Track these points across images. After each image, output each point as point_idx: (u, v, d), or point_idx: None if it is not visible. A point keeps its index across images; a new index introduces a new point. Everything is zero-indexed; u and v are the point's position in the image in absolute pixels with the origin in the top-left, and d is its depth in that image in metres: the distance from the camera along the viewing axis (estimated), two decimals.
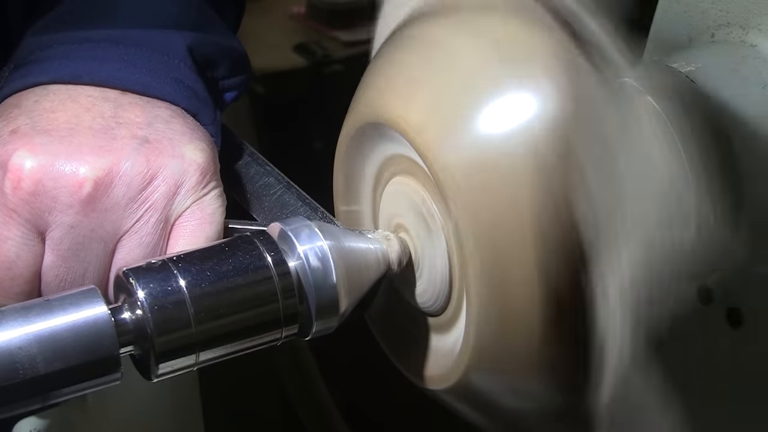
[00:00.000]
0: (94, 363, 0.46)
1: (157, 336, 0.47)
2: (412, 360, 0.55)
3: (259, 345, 0.51)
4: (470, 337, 0.49)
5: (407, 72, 0.51)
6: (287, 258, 0.50)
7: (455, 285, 0.51)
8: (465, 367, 0.50)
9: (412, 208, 0.53)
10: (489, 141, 0.47)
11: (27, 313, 0.46)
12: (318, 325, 0.51)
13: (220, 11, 0.67)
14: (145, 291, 0.47)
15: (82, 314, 0.46)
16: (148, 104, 0.56)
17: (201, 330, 0.48)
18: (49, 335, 0.45)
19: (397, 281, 0.56)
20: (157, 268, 0.48)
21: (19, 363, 0.45)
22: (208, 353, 0.49)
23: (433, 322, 0.54)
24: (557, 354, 0.48)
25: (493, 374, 0.50)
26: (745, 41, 0.57)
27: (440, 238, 0.51)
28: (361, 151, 0.56)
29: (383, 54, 0.54)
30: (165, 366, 0.48)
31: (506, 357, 0.49)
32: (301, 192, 0.61)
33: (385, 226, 0.56)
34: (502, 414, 0.52)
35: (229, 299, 0.49)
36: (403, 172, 0.54)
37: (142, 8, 0.62)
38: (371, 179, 0.57)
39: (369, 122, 0.53)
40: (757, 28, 0.56)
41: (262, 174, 0.62)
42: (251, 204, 0.61)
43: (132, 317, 0.47)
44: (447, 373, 0.52)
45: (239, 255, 0.50)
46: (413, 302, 0.55)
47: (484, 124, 0.47)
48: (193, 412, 0.89)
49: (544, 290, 0.47)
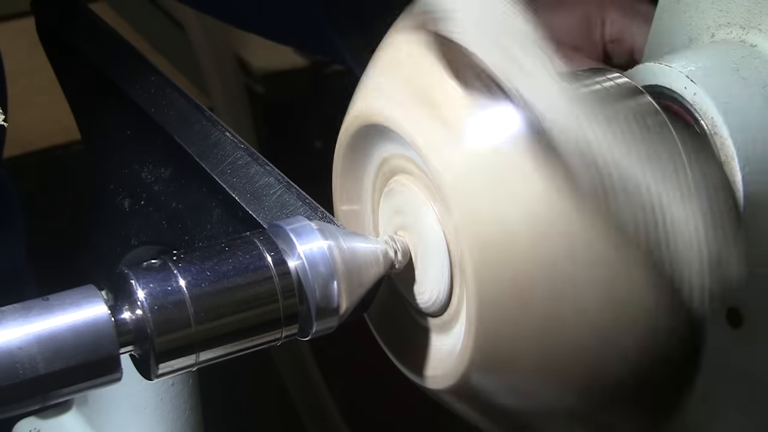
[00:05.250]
0: (94, 363, 0.46)
1: (157, 336, 0.47)
2: (412, 360, 0.55)
3: (259, 345, 0.51)
4: (470, 337, 0.49)
5: (407, 71, 0.51)
6: (287, 258, 0.50)
7: (455, 285, 0.51)
8: (465, 367, 0.50)
9: (411, 208, 0.53)
10: (489, 140, 0.47)
11: (27, 313, 0.46)
12: (318, 325, 0.51)
13: None
14: (145, 291, 0.47)
15: (82, 314, 0.46)
16: None
17: (201, 330, 0.48)
18: (49, 335, 0.45)
19: (397, 281, 0.56)
20: (157, 268, 0.48)
21: (19, 363, 0.45)
22: (208, 353, 0.49)
23: (433, 322, 0.54)
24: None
25: (494, 374, 0.50)
26: (745, 41, 0.57)
27: (440, 237, 0.51)
28: (361, 151, 0.56)
29: (383, 53, 0.54)
30: (165, 366, 0.48)
31: (506, 357, 0.49)
32: (301, 192, 0.61)
33: (384, 225, 0.56)
34: (503, 414, 0.52)
35: (229, 299, 0.49)
36: (403, 172, 0.54)
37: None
38: (371, 179, 0.57)
39: (369, 122, 0.53)
40: (757, 28, 0.56)
41: (262, 174, 0.62)
42: (251, 204, 0.61)
43: (132, 317, 0.47)
44: (447, 373, 0.52)
45: (239, 255, 0.50)
46: (413, 302, 0.55)
47: (484, 124, 0.47)
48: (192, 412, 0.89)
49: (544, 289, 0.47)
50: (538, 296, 0.47)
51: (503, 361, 0.49)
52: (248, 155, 0.65)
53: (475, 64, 0.48)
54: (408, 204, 0.53)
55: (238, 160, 0.64)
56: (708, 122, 0.54)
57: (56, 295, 0.47)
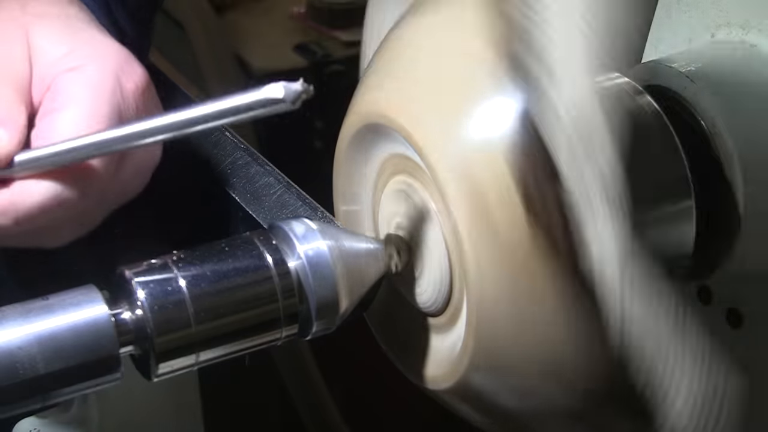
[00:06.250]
0: (94, 363, 0.46)
1: (157, 336, 0.47)
2: (412, 360, 0.55)
3: (259, 345, 0.51)
4: (470, 337, 0.49)
5: (407, 71, 0.51)
6: (287, 258, 0.50)
7: (455, 285, 0.51)
8: (465, 367, 0.50)
9: (412, 208, 0.53)
10: (489, 141, 0.47)
11: (27, 313, 0.46)
12: (318, 325, 0.51)
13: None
14: (145, 291, 0.47)
15: (82, 314, 0.46)
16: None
17: (201, 330, 0.48)
18: (49, 335, 0.46)
19: (397, 281, 0.56)
20: (157, 268, 0.48)
21: (19, 363, 0.45)
22: (208, 353, 0.49)
23: (433, 322, 0.54)
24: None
25: (494, 374, 0.50)
26: (745, 41, 0.57)
27: (440, 237, 0.51)
28: (361, 150, 0.56)
29: (382, 53, 0.54)
30: (165, 366, 0.48)
31: (507, 357, 0.49)
32: (301, 192, 0.61)
33: (385, 225, 0.56)
34: (503, 414, 0.52)
35: (229, 299, 0.49)
36: (403, 172, 0.54)
37: None
38: (371, 179, 0.57)
39: (369, 122, 0.53)
40: (757, 28, 0.56)
41: (262, 174, 0.63)
42: (251, 204, 0.61)
43: (132, 317, 0.47)
44: (447, 373, 0.52)
45: (239, 255, 0.50)
46: (413, 302, 0.55)
47: (485, 124, 0.47)
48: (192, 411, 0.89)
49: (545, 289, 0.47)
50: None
51: (503, 361, 0.49)
52: (248, 155, 0.65)
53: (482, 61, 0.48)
54: (408, 204, 0.53)
55: (238, 160, 0.64)
56: (708, 122, 0.54)
57: (56, 295, 0.47)
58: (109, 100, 0.55)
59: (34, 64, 0.56)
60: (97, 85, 0.55)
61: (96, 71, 0.55)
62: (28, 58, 0.56)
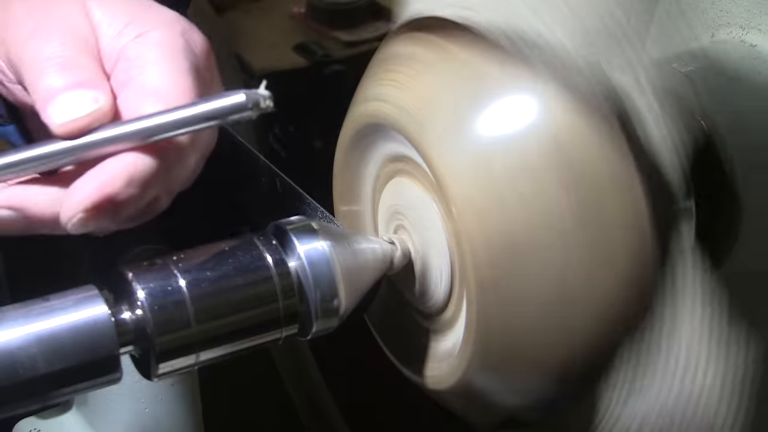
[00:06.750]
0: (94, 363, 0.46)
1: (158, 336, 0.47)
2: (413, 360, 0.55)
3: (259, 345, 0.51)
4: (470, 337, 0.49)
5: (408, 72, 0.51)
6: (287, 258, 0.50)
7: (455, 285, 0.51)
8: (465, 367, 0.50)
9: (411, 208, 0.53)
10: (490, 142, 0.47)
11: (27, 313, 0.46)
12: (318, 325, 0.51)
13: None
14: (145, 291, 0.47)
15: (82, 314, 0.46)
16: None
17: (201, 330, 0.48)
18: (49, 335, 0.45)
19: (397, 281, 0.56)
20: (158, 268, 0.48)
21: (19, 363, 0.45)
22: (208, 353, 0.49)
23: (433, 322, 0.54)
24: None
25: (494, 374, 0.50)
26: (745, 41, 0.57)
27: (440, 238, 0.51)
28: (362, 150, 0.56)
29: (383, 54, 0.54)
30: (165, 366, 0.48)
31: (506, 357, 0.49)
32: (301, 192, 0.61)
33: (384, 226, 0.57)
34: (503, 414, 0.52)
35: (229, 299, 0.49)
36: (403, 172, 0.54)
37: None
38: (371, 179, 0.57)
39: (369, 122, 0.53)
40: (757, 28, 0.56)
41: (261, 174, 0.62)
42: (251, 204, 0.61)
43: (132, 317, 0.47)
44: (447, 373, 0.52)
45: (239, 255, 0.50)
46: (413, 302, 0.55)
47: (485, 125, 0.47)
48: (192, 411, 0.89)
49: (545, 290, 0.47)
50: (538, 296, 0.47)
51: (503, 362, 0.49)
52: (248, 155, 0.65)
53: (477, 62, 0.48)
54: (408, 204, 0.53)
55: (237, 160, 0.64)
56: (708, 122, 0.54)
57: (56, 295, 0.47)
58: (185, 56, 0.53)
59: (99, 40, 0.55)
60: (168, 45, 0.53)
61: (163, 34, 0.54)
62: (94, 32, 0.55)
